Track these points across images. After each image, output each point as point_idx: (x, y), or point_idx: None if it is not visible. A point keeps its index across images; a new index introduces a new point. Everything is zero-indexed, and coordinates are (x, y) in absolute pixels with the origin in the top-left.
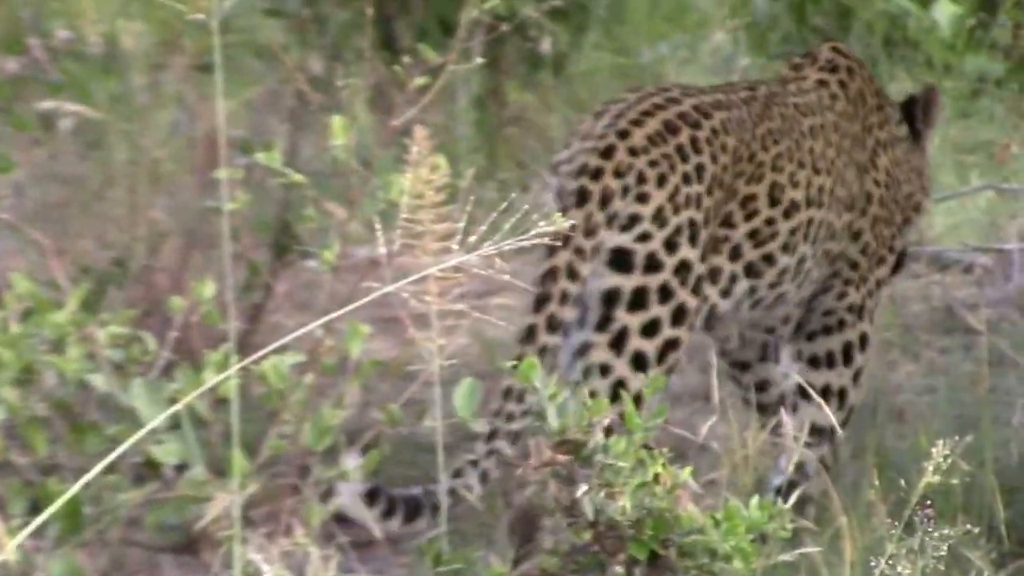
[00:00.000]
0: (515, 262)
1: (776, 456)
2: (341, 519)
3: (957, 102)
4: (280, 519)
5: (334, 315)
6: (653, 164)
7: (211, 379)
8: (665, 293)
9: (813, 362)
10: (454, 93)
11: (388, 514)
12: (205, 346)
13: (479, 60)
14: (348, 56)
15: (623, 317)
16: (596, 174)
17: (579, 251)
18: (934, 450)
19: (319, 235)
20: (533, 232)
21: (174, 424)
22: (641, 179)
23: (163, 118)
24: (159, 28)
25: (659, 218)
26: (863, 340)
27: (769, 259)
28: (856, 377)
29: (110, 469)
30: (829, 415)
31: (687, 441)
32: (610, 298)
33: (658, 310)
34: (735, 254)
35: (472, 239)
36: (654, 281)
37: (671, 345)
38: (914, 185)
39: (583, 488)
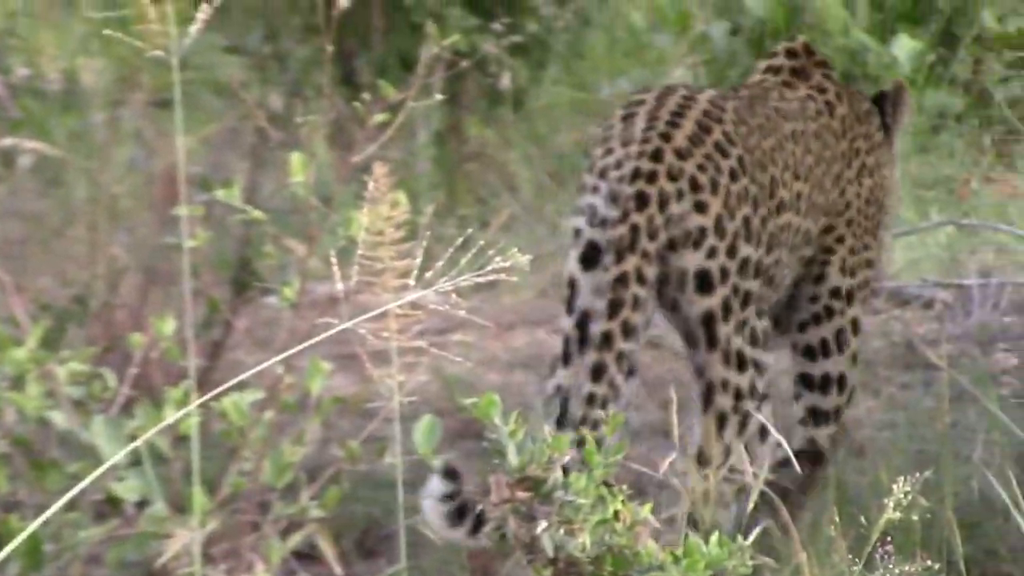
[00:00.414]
0: (474, 298)
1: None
2: (301, 555)
3: (917, 137)
4: (240, 556)
5: (294, 352)
6: (702, 168)
7: (171, 416)
8: (736, 292)
9: (808, 352)
10: (414, 129)
11: (475, 529)
12: (165, 383)
13: (439, 96)
14: (308, 93)
15: (723, 330)
16: (651, 177)
17: (646, 255)
18: (894, 486)
19: (279, 272)
20: (491, 268)
21: (134, 461)
22: (695, 185)
23: (122, 155)
24: (118, 65)
25: (720, 229)
26: (855, 324)
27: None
28: (853, 359)
29: (71, 506)
30: (831, 400)
31: (647, 477)
32: (708, 318)
33: (737, 309)
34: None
35: (431, 275)
36: (728, 289)
37: (754, 329)
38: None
39: (543, 525)
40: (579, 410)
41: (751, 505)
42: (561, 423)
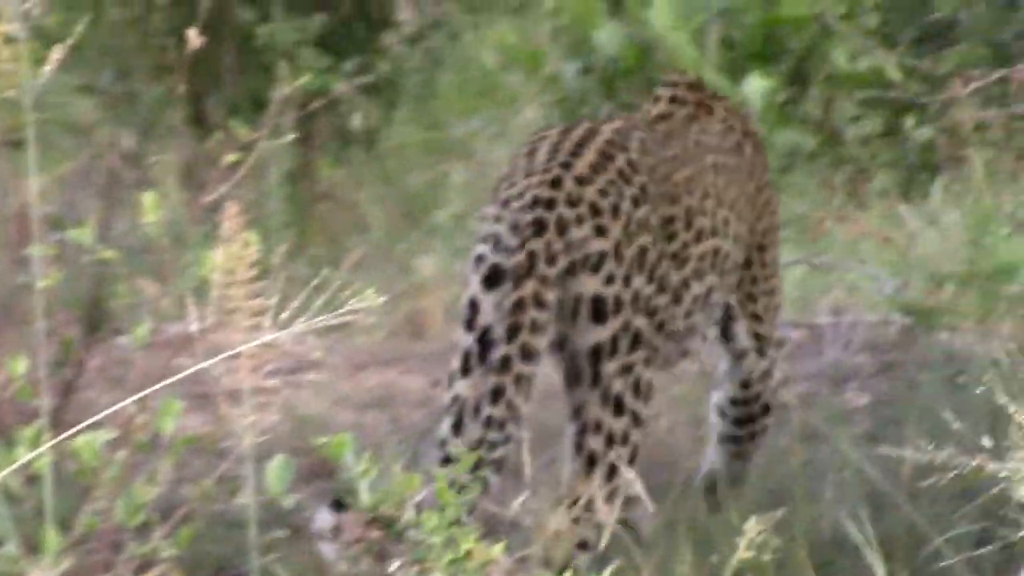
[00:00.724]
0: (327, 338)
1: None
2: None
3: None
4: None
5: (147, 391)
6: (603, 193)
7: (24, 456)
8: (627, 329)
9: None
10: (265, 169)
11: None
12: (17, 422)
13: (290, 136)
14: (160, 132)
15: (607, 369)
16: (549, 204)
17: (544, 279)
18: (746, 525)
19: (132, 311)
20: (346, 309)
21: None
22: (596, 210)
23: None
24: None
25: (619, 254)
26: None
27: (685, 285)
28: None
29: None
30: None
31: (498, 517)
32: (596, 353)
33: (625, 348)
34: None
35: (285, 316)
36: (619, 322)
37: (640, 376)
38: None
39: (395, 564)
40: (476, 432)
41: (603, 544)
42: (457, 431)
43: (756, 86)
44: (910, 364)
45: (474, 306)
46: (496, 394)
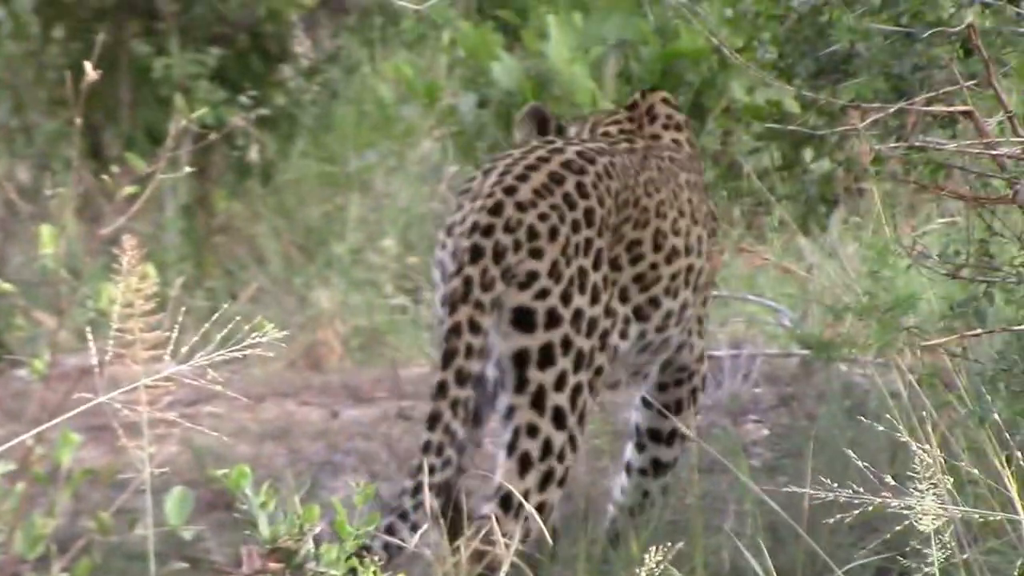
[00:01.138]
0: (224, 370)
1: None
2: None
3: None
4: None
5: (46, 426)
6: (543, 217)
7: None
8: (567, 345)
9: (664, 409)
10: (162, 202)
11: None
12: None
13: (187, 169)
14: (56, 165)
15: (536, 376)
16: (487, 231)
17: (479, 305)
18: (646, 556)
19: (29, 344)
20: (246, 343)
21: None
22: (533, 234)
23: None
24: None
25: (555, 273)
26: (704, 382)
27: (654, 302)
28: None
29: None
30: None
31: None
32: (520, 359)
33: (563, 363)
34: (624, 297)
35: (185, 350)
36: (556, 336)
37: (578, 391)
38: None
39: None
40: (416, 459)
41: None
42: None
43: None
44: (809, 396)
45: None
46: (433, 420)
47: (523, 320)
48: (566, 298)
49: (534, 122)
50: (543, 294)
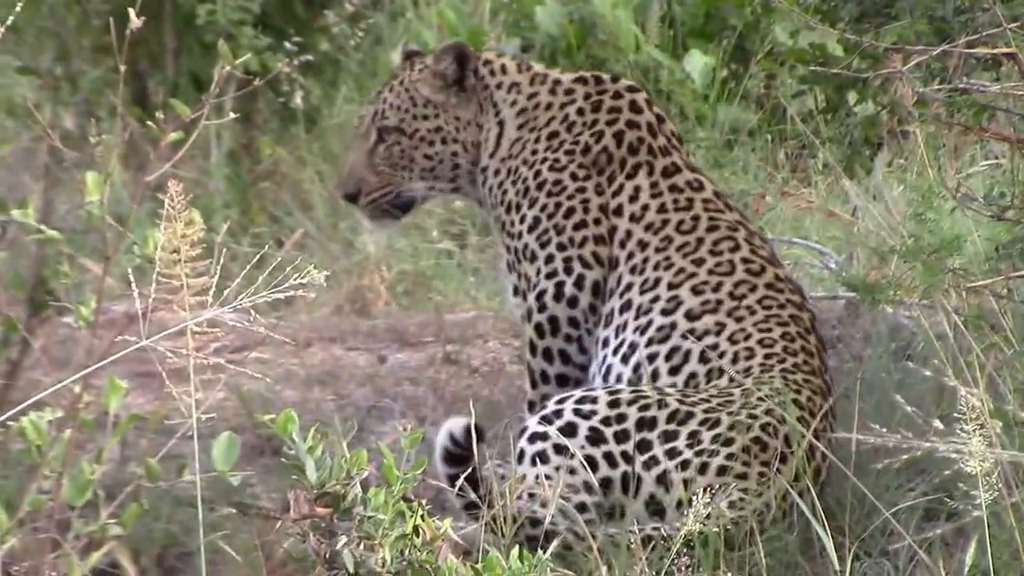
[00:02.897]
0: (270, 316)
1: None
2: (101, 573)
3: (711, 152)
4: (41, 574)
5: (91, 370)
6: None
7: None
8: None
9: None
10: (207, 148)
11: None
12: None
13: (232, 115)
14: (101, 113)
15: None
16: None
17: None
18: (695, 497)
19: (75, 291)
20: (288, 285)
21: None
22: None
23: None
24: None
25: None
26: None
27: None
28: None
29: None
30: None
31: (446, 493)
32: None
33: None
34: None
35: (228, 293)
36: None
37: None
38: None
39: (343, 540)
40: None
41: (548, 519)
42: None
43: (698, 63)
44: (855, 339)
45: None
46: None
47: None
48: None
49: (454, 56)
50: None
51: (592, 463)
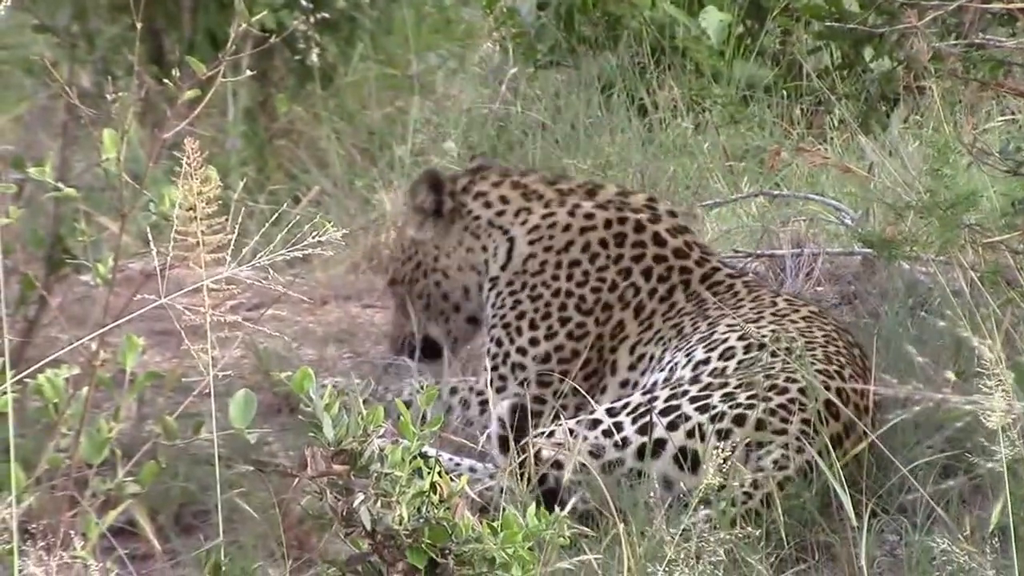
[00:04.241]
0: (287, 274)
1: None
2: (119, 531)
3: (726, 109)
4: (58, 532)
5: (108, 328)
6: None
7: None
8: None
9: None
10: (224, 106)
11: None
12: None
13: (248, 73)
14: (118, 70)
15: None
16: None
17: None
18: (715, 452)
19: (92, 249)
20: (306, 243)
21: None
22: None
23: None
24: None
25: None
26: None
27: None
28: None
29: None
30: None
31: (466, 449)
32: None
33: None
34: None
35: (245, 251)
36: None
37: None
38: None
39: (360, 498)
40: None
41: (567, 475)
42: None
43: (713, 19)
44: (872, 295)
45: None
46: None
47: None
48: None
49: (428, 186)
50: None
51: (619, 426)
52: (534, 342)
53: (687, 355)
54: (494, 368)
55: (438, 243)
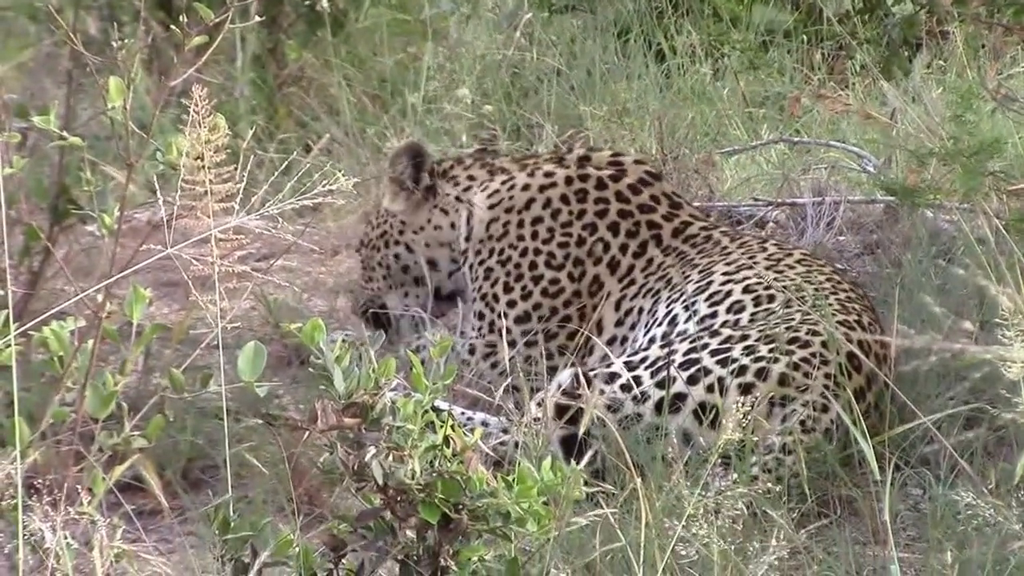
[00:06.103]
0: (297, 223)
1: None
2: (126, 486)
3: (745, 54)
4: (64, 488)
5: (115, 279)
6: None
7: None
8: None
9: None
10: (232, 53)
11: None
12: None
13: (257, 19)
14: (124, 17)
15: None
16: None
17: None
18: (734, 406)
19: (98, 199)
20: (315, 192)
21: None
22: None
23: None
24: None
25: None
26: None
27: None
28: None
29: None
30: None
31: (481, 402)
32: None
33: None
34: None
35: (254, 200)
36: None
37: None
38: None
39: (371, 452)
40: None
41: (583, 429)
42: None
43: None
44: (895, 243)
45: None
46: None
47: None
48: None
49: (409, 158)
50: None
51: (638, 380)
52: (511, 304)
53: (686, 307)
54: (482, 337)
55: (405, 218)
